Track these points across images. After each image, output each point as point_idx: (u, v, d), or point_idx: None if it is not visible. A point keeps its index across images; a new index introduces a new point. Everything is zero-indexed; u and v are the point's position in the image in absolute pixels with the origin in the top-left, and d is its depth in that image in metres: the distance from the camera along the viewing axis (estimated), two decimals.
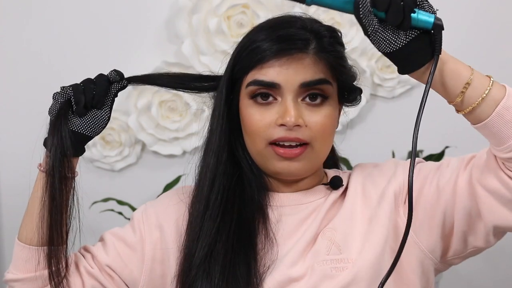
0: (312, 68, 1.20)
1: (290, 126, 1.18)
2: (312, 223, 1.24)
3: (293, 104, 1.19)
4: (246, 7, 2.20)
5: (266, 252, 1.22)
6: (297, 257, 1.21)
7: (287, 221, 1.25)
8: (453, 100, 1.13)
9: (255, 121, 1.21)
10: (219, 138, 1.25)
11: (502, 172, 1.13)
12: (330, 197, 1.27)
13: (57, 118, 1.20)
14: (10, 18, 2.22)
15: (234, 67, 1.24)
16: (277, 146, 1.21)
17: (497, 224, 1.17)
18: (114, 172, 2.30)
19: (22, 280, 1.25)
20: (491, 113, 1.10)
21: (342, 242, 1.22)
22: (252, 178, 1.26)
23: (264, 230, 1.23)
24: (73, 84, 1.23)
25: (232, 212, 1.23)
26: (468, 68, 1.12)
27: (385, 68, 2.31)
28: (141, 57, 2.22)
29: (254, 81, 1.20)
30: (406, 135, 2.26)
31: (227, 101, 1.25)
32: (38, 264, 1.24)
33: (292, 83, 1.19)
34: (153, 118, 2.26)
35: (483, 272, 2.46)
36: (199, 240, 1.22)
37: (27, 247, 1.25)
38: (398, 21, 1.05)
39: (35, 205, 1.23)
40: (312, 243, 1.23)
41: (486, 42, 2.29)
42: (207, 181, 1.25)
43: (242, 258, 1.20)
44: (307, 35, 1.21)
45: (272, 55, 1.19)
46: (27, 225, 1.25)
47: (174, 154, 2.29)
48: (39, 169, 1.24)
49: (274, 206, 1.26)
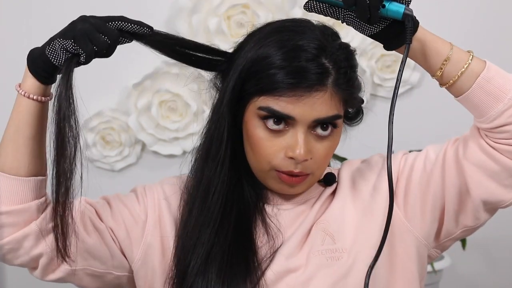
0: (328, 103, 1.18)
1: (299, 161, 1.19)
2: (307, 217, 1.26)
3: (303, 137, 1.18)
4: (246, 7, 2.20)
5: (265, 246, 1.23)
6: (294, 249, 1.23)
7: (284, 214, 1.26)
8: (434, 74, 1.18)
9: (264, 147, 1.20)
10: (220, 147, 1.23)
11: (483, 140, 1.17)
12: (324, 193, 1.30)
13: (65, 73, 1.12)
14: (10, 18, 2.22)
15: (245, 82, 1.20)
16: (281, 173, 1.21)
17: (485, 198, 1.19)
18: (114, 172, 2.30)
19: (8, 212, 1.17)
20: (472, 85, 1.15)
21: (335, 233, 1.24)
22: (251, 182, 1.26)
23: (262, 223, 1.25)
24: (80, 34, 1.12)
25: (230, 215, 1.23)
26: (447, 44, 1.17)
27: (385, 68, 2.32)
28: (141, 57, 2.21)
29: (268, 108, 1.18)
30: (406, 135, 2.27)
31: (231, 111, 1.22)
32: (25, 196, 1.17)
33: (307, 118, 1.18)
34: (153, 118, 2.26)
35: (483, 272, 2.46)
36: (195, 249, 1.22)
37: (13, 178, 1.16)
38: (366, 18, 1.11)
39: (23, 132, 1.16)
40: (307, 235, 1.25)
41: (487, 41, 2.29)
42: (205, 189, 1.24)
43: (240, 257, 1.21)
44: (326, 65, 1.17)
45: (290, 88, 1.16)
46: (9, 154, 1.17)
47: (174, 154, 2.29)
48: (20, 92, 1.16)
49: (271, 203, 1.28)
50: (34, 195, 1.18)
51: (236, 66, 1.21)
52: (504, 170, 1.17)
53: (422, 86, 2.35)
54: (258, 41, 1.21)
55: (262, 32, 1.22)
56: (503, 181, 1.18)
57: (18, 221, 1.17)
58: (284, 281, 1.21)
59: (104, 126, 2.26)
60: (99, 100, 2.24)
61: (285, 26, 1.22)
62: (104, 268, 1.25)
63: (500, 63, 1.20)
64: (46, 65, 1.14)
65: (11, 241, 1.17)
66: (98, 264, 1.24)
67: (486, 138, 1.17)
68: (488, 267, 2.47)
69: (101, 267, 1.25)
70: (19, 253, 1.19)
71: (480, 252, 2.43)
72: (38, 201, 1.18)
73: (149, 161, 2.32)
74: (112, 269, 1.26)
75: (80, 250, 1.20)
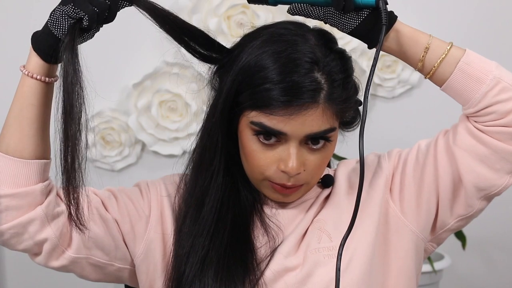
0: (320, 119, 1.18)
1: (291, 175, 1.20)
2: (304, 217, 1.27)
3: (296, 152, 1.18)
4: (246, 7, 2.20)
5: (264, 246, 1.24)
6: (291, 248, 1.24)
7: (283, 214, 1.27)
8: (416, 65, 1.19)
9: (257, 159, 1.20)
10: (214, 157, 1.23)
11: (471, 124, 1.19)
12: (322, 195, 1.31)
13: (70, 40, 1.13)
14: (10, 18, 2.22)
15: (239, 94, 1.20)
16: (275, 184, 1.22)
17: (476, 183, 1.20)
18: (114, 172, 2.30)
19: (12, 195, 1.16)
20: (453, 70, 1.17)
21: (331, 231, 1.25)
22: (247, 186, 1.27)
23: (261, 224, 1.25)
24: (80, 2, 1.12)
25: (226, 219, 1.24)
26: (426, 35, 1.19)
27: (385, 68, 2.32)
28: (141, 57, 2.21)
29: (260, 124, 1.18)
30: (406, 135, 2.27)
31: (225, 120, 1.22)
32: (29, 178, 1.16)
33: (299, 133, 1.18)
34: (153, 118, 2.26)
35: (483, 272, 2.46)
36: (189, 258, 1.22)
37: (17, 160, 1.16)
38: (341, 6, 1.13)
39: (27, 113, 1.16)
40: (304, 234, 1.26)
41: (486, 40, 2.29)
42: (198, 199, 1.24)
43: (238, 259, 1.22)
44: (318, 79, 1.17)
45: (281, 106, 1.16)
46: (13, 136, 1.16)
47: (174, 154, 2.29)
48: (24, 72, 1.16)
49: (269, 203, 1.29)
50: (38, 178, 1.17)
51: (231, 73, 1.21)
52: (494, 152, 1.18)
53: (422, 86, 2.35)
54: (254, 49, 1.20)
55: (258, 40, 1.21)
56: (494, 165, 1.18)
57: (22, 204, 1.16)
58: (283, 279, 1.22)
59: (104, 126, 2.26)
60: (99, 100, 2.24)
61: (280, 34, 1.21)
62: (107, 259, 1.25)
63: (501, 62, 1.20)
64: (50, 38, 1.13)
65: (16, 225, 1.16)
66: (101, 254, 1.24)
67: (474, 123, 1.18)
68: (488, 267, 2.47)
69: (104, 258, 1.25)
70: (23, 238, 1.18)
71: (480, 252, 2.43)
72: (42, 185, 1.17)
73: (149, 161, 2.32)
74: (115, 261, 1.26)
75: (85, 238, 1.20)
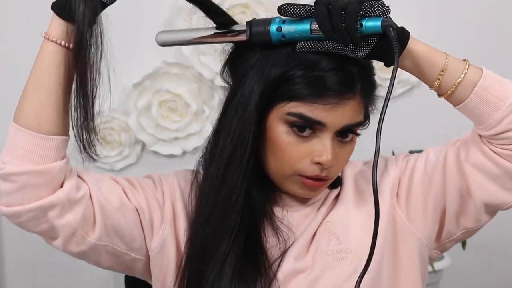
0: (356, 110, 1.19)
1: (327, 166, 1.19)
2: (314, 218, 1.26)
3: (331, 143, 1.18)
4: (246, 7, 2.20)
5: (274, 247, 1.23)
6: (301, 250, 1.23)
7: (293, 215, 1.26)
8: (432, 85, 1.19)
9: (289, 152, 1.19)
10: (245, 153, 1.19)
11: (485, 146, 1.18)
12: (330, 195, 1.30)
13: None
14: (10, 18, 2.22)
15: (279, 86, 1.17)
16: (305, 177, 1.20)
17: (486, 201, 1.20)
18: (114, 172, 2.30)
19: (30, 172, 1.11)
20: (470, 94, 1.15)
21: (340, 233, 1.25)
22: (259, 186, 1.24)
23: (271, 226, 1.24)
24: None
25: (244, 221, 1.21)
26: (442, 54, 1.17)
27: (385, 68, 2.31)
28: (141, 57, 2.21)
29: (299, 114, 1.16)
30: (406, 135, 2.27)
31: (258, 117, 1.18)
32: (47, 155, 1.11)
33: (337, 125, 1.18)
34: (153, 118, 2.26)
35: (483, 272, 2.46)
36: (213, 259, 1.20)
37: (35, 135, 1.11)
38: (348, 41, 1.11)
39: (44, 82, 1.11)
40: (313, 236, 1.25)
41: (486, 40, 2.29)
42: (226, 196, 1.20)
43: (251, 262, 1.20)
44: (354, 69, 1.18)
45: (332, 95, 1.16)
46: (31, 107, 1.12)
47: (174, 154, 2.29)
48: (45, 36, 1.14)
49: (279, 205, 1.27)
50: (56, 156, 1.12)
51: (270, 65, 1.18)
52: (506, 173, 1.18)
53: (422, 86, 2.33)
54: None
55: None
56: (504, 184, 1.19)
57: (39, 183, 1.11)
58: (292, 282, 1.21)
59: (104, 126, 2.26)
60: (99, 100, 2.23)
61: None
62: (125, 248, 1.22)
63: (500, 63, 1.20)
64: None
65: (36, 208, 1.12)
66: (120, 243, 1.21)
67: (488, 144, 1.18)
68: (488, 267, 2.47)
69: (122, 247, 1.22)
70: (41, 221, 1.14)
71: (480, 252, 2.43)
72: (60, 162, 1.12)
73: (149, 161, 2.32)
74: (131, 251, 1.23)
75: (107, 226, 1.18)
